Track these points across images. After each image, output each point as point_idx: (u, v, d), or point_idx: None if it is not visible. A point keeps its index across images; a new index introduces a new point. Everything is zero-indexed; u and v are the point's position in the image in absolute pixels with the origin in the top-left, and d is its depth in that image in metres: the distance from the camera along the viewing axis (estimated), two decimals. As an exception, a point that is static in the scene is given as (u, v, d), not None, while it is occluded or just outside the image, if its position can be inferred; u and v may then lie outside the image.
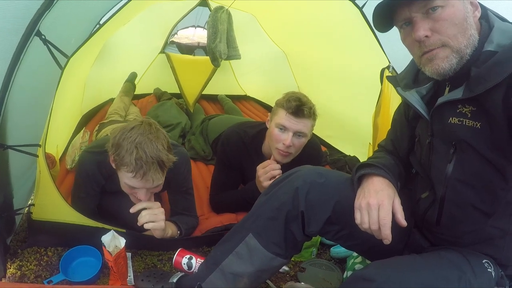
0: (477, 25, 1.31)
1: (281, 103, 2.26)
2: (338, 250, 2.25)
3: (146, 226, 1.92)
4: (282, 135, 2.25)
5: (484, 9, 1.34)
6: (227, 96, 4.93)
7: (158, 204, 1.98)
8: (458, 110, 1.30)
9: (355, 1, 2.44)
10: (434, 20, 1.24)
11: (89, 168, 2.11)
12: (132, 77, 4.47)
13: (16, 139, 1.92)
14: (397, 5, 1.30)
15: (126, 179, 1.85)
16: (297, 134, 2.24)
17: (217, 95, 4.95)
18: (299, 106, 2.19)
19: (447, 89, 1.38)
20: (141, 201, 1.94)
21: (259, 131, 2.55)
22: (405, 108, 1.66)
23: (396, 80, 1.56)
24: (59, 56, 2.03)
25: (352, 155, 3.43)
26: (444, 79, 1.33)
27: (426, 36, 1.25)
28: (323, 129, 3.60)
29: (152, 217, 1.93)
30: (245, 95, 5.20)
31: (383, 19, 1.38)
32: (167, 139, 1.94)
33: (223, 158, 2.61)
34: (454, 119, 1.31)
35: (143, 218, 1.92)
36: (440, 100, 1.34)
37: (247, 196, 2.40)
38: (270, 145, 2.36)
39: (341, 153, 3.59)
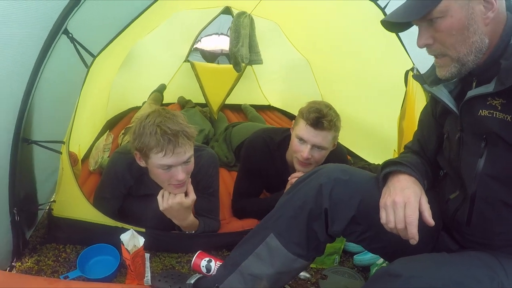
0: (496, 24, 1.26)
1: (302, 113, 2.21)
2: (362, 258, 2.18)
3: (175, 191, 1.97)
4: (300, 146, 2.21)
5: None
6: (251, 105, 4.92)
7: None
8: (488, 103, 1.26)
9: (377, 1, 2.40)
10: (435, 30, 1.27)
11: (119, 169, 2.11)
12: (161, 88, 4.52)
13: (40, 135, 1.94)
14: None
15: (159, 161, 1.84)
16: (316, 147, 2.19)
17: (241, 104, 4.95)
18: (318, 118, 2.12)
19: (474, 83, 1.34)
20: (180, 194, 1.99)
21: (284, 138, 2.49)
22: (432, 106, 1.62)
23: (422, 78, 1.54)
24: (85, 55, 2.05)
25: (376, 163, 3.35)
26: (469, 74, 1.32)
27: (428, 44, 1.30)
28: (347, 138, 3.54)
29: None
30: (269, 105, 5.19)
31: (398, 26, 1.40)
32: (185, 117, 1.96)
33: (247, 163, 2.57)
34: (484, 112, 1.27)
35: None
36: (470, 93, 1.30)
37: (271, 206, 2.34)
38: (291, 152, 2.32)
39: (365, 161, 3.53)
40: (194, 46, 5.02)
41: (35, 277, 1.88)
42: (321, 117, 2.12)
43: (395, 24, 1.36)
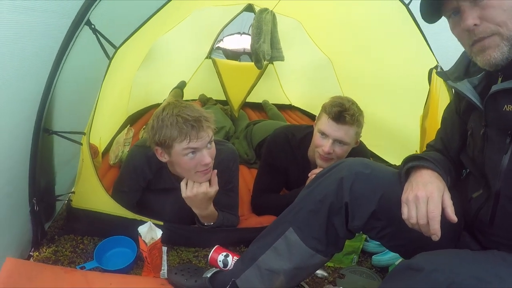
0: None
1: (325, 107, 2.20)
2: (380, 258, 2.13)
3: (201, 179, 1.96)
4: (322, 140, 2.19)
5: None
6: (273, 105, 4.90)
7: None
8: None
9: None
10: (482, 8, 1.18)
11: (138, 163, 2.11)
12: (182, 85, 4.55)
13: (61, 126, 1.95)
14: None
15: (184, 149, 1.84)
16: (338, 141, 2.17)
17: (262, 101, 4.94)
18: (340, 112, 2.10)
19: (500, 79, 1.29)
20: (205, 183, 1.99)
21: (306, 135, 2.47)
22: (456, 103, 1.57)
23: (446, 74, 1.49)
24: (107, 46, 2.05)
25: (398, 164, 3.28)
26: (496, 69, 1.25)
27: (475, 25, 1.20)
28: (369, 138, 3.49)
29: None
30: (290, 105, 5.15)
31: (430, 10, 1.32)
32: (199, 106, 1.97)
33: (268, 158, 2.56)
34: (510, 107, 1.22)
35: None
36: (495, 88, 1.25)
37: (291, 202, 2.31)
38: (314, 148, 2.30)
39: (387, 162, 3.46)
40: (217, 45, 5.03)
41: (51, 266, 1.89)
42: (343, 111, 2.10)
43: (429, 12, 1.32)
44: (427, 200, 1.28)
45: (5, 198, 1.68)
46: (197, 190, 1.96)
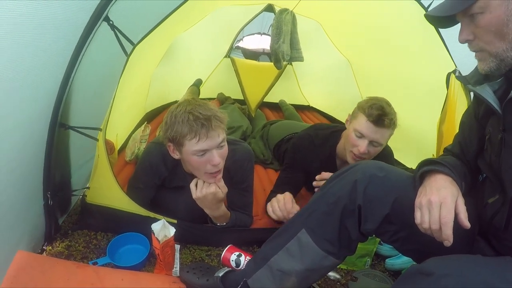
0: None
1: (363, 108, 2.21)
2: (394, 262, 2.11)
3: (210, 180, 1.96)
4: (358, 140, 2.22)
5: None
6: (290, 105, 4.86)
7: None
8: None
9: (421, 0, 2.31)
10: (475, 26, 1.25)
11: (154, 160, 2.11)
12: (198, 82, 4.56)
13: (78, 121, 1.96)
14: None
15: (194, 147, 1.82)
16: (373, 143, 2.20)
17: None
18: (380, 116, 2.14)
19: None
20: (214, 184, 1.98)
21: (332, 133, 2.51)
22: (474, 107, 1.56)
23: (465, 78, 1.48)
24: (125, 43, 2.06)
25: (414, 168, 3.23)
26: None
27: (468, 39, 1.29)
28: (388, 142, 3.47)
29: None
30: (308, 106, 5.10)
31: (442, 23, 1.39)
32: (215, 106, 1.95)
33: (291, 159, 2.57)
34: None
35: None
36: None
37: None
38: (345, 146, 2.32)
39: (403, 165, 3.41)
40: (236, 45, 5.01)
41: (64, 260, 1.90)
42: (383, 115, 2.14)
43: (438, 19, 1.35)
44: (440, 205, 1.26)
45: (20, 191, 1.69)
46: (206, 191, 1.96)
